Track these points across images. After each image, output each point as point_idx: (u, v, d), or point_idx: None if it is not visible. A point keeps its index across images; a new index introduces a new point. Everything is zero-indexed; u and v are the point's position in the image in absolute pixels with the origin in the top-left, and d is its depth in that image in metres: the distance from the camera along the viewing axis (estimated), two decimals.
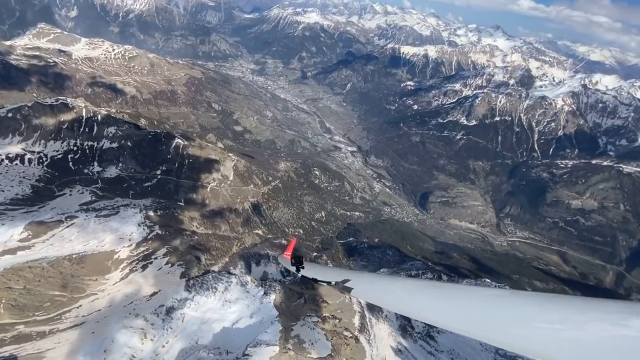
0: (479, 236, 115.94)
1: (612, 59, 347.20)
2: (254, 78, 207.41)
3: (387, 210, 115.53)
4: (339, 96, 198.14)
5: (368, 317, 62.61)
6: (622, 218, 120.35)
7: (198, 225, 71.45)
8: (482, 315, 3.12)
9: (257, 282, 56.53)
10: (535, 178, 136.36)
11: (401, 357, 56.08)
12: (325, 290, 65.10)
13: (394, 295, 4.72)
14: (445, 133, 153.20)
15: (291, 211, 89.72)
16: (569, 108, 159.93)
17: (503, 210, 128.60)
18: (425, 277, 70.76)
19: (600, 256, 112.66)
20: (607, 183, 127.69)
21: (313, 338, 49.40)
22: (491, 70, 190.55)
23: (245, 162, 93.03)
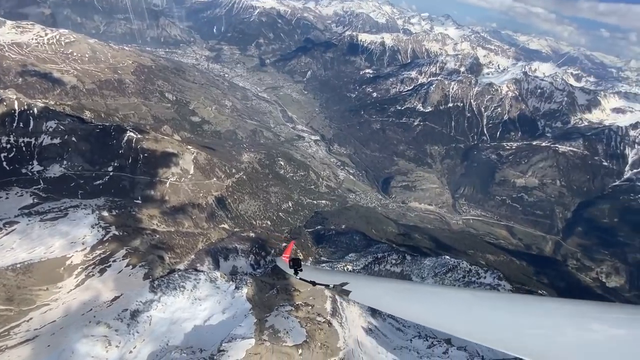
0: (437, 216, 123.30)
1: (548, 47, 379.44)
2: (209, 65, 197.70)
3: (352, 197, 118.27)
4: (300, 84, 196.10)
5: (339, 301, 64.48)
6: (559, 193, 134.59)
7: (159, 223, 67.96)
8: (479, 318, 3.15)
9: (227, 277, 55.47)
10: (485, 160, 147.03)
11: (372, 335, 58.75)
12: (296, 280, 65.76)
13: (392, 299, 4.72)
14: (404, 120, 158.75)
15: (257, 203, 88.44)
16: (513, 94, 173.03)
17: (458, 191, 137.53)
18: (390, 258, 74.16)
19: (541, 228, 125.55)
20: (546, 162, 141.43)
21: (288, 327, 49.96)
22: (444, 59, 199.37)
23: (206, 154, 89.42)
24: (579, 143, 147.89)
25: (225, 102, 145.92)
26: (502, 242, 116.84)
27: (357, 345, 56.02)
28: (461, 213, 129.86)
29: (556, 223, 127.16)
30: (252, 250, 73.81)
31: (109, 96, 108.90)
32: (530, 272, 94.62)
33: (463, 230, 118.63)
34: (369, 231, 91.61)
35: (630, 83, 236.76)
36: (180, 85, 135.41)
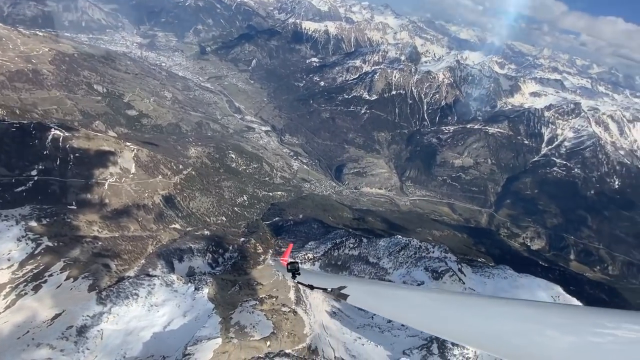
0: (388, 199, 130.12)
1: (476, 37, 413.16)
2: (142, 53, 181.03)
3: (307, 186, 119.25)
4: (245, 73, 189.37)
5: (302, 290, 65.59)
6: (490, 170, 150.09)
7: (100, 229, 62.10)
8: (477, 323, 3.14)
9: (184, 279, 53.06)
10: (427, 144, 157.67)
11: (336, 318, 61.01)
12: (258, 273, 65.22)
13: (389, 303, 4.70)
14: (352, 108, 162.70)
15: (210, 199, 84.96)
16: (448, 81, 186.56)
17: (404, 174, 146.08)
18: (348, 242, 76.92)
19: (477, 203, 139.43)
20: (478, 143, 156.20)
21: (253, 321, 49.67)
22: (385, 47, 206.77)
23: (148, 151, 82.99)
24: (504, 125, 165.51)
25: (164, 93, 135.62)
26: (445, 218, 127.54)
27: (323, 329, 57.80)
28: (408, 194, 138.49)
29: (489, 197, 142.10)
30: (209, 248, 71.19)
31: (22, 89, 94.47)
32: (470, 243, 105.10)
33: (411, 210, 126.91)
34: (326, 218, 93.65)
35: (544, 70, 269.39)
36: (110, 76, 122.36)
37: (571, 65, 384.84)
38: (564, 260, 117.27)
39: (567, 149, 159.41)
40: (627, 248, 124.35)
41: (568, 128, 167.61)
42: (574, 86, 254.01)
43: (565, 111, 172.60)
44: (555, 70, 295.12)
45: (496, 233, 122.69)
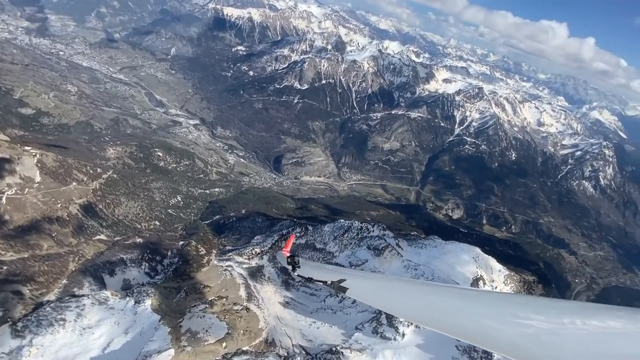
0: (327, 186, 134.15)
1: (393, 27, 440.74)
2: (32, 40, 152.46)
3: (246, 180, 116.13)
4: (164, 63, 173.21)
5: (252, 285, 64.83)
6: (414, 152, 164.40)
7: (3, 252, 52.49)
8: (477, 317, 3.17)
9: (120, 293, 48.31)
10: (358, 130, 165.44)
11: (290, 307, 61.96)
12: (203, 275, 62.42)
13: (389, 296, 4.74)
14: (284, 98, 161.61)
15: (139, 203, 77.47)
16: (372, 70, 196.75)
17: (340, 161, 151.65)
18: (295, 232, 77.95)
19: (406, 182, 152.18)
20: (403, 127, 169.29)
21: (206, 325, 47.78)
22: (312, 36, 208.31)
23: (54, 155, 71.78)
24: (424, 109, 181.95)
25: (67, 87, 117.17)
26: (380, 198, 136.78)
27: (278, 321, 58.34)
28: (345, 180, 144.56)
29: (415, 176, 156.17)
30: (144, 257, 65.54)
31: None
32: (403, 219, 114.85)
33: (349, 194, 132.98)
34: (270, 211, 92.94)
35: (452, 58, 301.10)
36: None
37: (473, 54, 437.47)
38: (479, 225, 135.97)
39: (475, 129, 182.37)
40: (524, 209, 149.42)
41: (474, 110, 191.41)
42: (476, 72, 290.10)
43: (471, 95, 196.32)
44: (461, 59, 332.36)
45: (424, 208, 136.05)
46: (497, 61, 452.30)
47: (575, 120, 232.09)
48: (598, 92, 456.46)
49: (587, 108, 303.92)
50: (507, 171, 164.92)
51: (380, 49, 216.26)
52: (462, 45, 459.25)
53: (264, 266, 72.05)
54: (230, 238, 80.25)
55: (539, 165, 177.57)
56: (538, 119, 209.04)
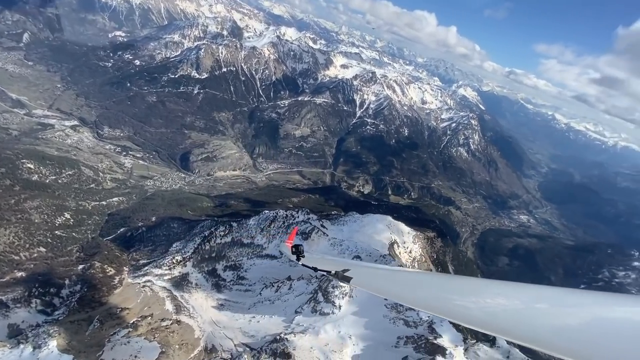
0: (244, 179, 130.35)
1: (287, 13, 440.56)
2: None
3: (151, 183, 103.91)
4: (16, 52, 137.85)
5: (180, 296, 60.25)
6: (324, 136, 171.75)
7: None
8: (477, 304, 3.31)
9: (9, 343, 39.33)
10: (268, 119, 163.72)
11: (225, 309, 59.85)
12: (118, 297, 55.20)
13: (393, 285, 4.87)
14: (182, 89, 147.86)
15: (11, 230, 62.50)
16: (274, 56, 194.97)
17: (254, 151, 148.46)
18: (218, 232, 74.32)
19: (320, 166, 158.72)
20: (310, 113, 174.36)
21: (133, 350, 42.91)
22: (204, 21, 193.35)
23: None
24: (327, 95, 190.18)
25: None
26: (298, 184, 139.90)
27: (215, 325, 56.09)
28: (262, 170, 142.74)
29: (327, 159, 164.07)
30: (32, 293, 54.18)
31: None
32: (322, 200, 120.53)
33: (268, 184, 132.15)
34: (185, 213, 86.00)
35: (346, 44, 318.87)
36: None
37: (363, 40, 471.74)
38: (386, 196, 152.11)
39: (373, 110, 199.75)
40: (419, 177, 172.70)
41: (371, 93, 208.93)
42: (368, 58, 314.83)
43: (367, 79, 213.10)
44: (353, 45, 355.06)
45: (339, 187, 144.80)
46: (383, 47, 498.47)
47: (448, 97, 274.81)
48: (462, 73, 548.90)
49: (455, 86, 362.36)
50: (403, 146, 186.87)
51: (279, 35, 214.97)
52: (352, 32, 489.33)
53: (189, 273, 67.30)
54: (143, 251, 71.79)
55: (426, 138, 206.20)
56: (421, 97, 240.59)
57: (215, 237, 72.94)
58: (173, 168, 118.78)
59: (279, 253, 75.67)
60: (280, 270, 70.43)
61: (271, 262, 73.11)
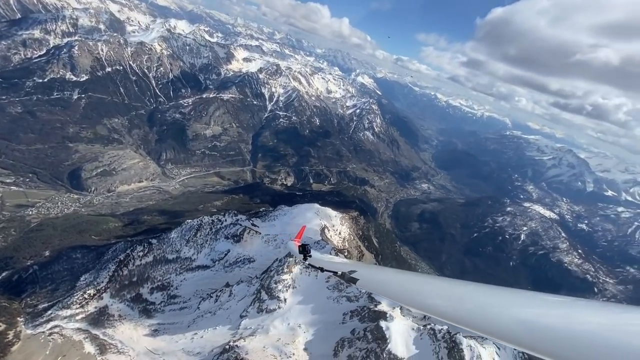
0: (155, 190, 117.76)
1: (175, 5, 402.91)
2: None
3: (33, 212, 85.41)
4: None
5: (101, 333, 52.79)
6: (238, 133, 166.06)
7: None
8: (484, 309, 3.30)
9: None
10: (172, 121, 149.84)
11: (161, 334, 54.80)
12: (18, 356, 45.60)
13: (399, 288, 4.84)
14: (57, 94, 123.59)
15: None
16: (167, 52, 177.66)
17: (161, 158, 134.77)
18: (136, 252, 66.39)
19: (238, 164, 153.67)
20: (219, 110, 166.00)
21: None
22: (72, 13, 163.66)
23: None
24: (234, 90, 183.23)
25: None
26: (218, 187, 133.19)
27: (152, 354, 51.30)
28: (174, 177, 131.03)
29: (245, 156, 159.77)
30: None
31: None
32: (248, 199, 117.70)
33: (184, 192, 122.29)
34: (89, 239, 74.03)
35: (245, 37, 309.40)
36: None
37: (261, 32, 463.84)
38: (308, 185, 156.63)
39: (283, 103, 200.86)
40: (335, 162, 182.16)
41: (278, 86, 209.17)
42: (270, 50, 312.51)
43: (272, 72, 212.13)
44: (252, 38, 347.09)
45: (262, 184, 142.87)
46: (282, 39, 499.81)
47: (350, 86, 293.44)
48: (357, 61, 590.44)
49: (354, 75, 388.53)
50: (317, 135, 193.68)
51: (169, 28, 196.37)
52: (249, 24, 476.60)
53: (108, 305, 59.09)
54: (40, 293, 59.65)
55: (336, 126, 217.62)
56: (326, 87, 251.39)
57: (133, 260, 65.04)
58: (61, 190, 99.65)
59: (211, 262, 71.93)
60: (215, 279, 67.29)
61: (204, 273, 69.24)
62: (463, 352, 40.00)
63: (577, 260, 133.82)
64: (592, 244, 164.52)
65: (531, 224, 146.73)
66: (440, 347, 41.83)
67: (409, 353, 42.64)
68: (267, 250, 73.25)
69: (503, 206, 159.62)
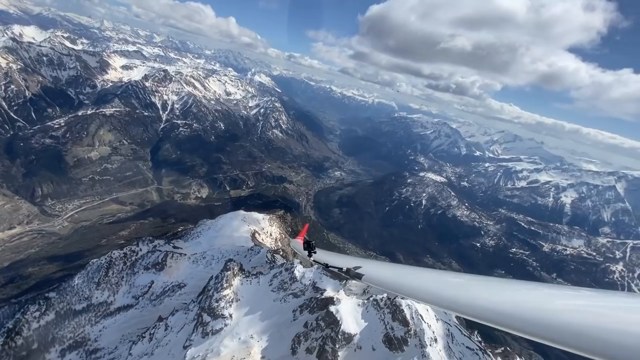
0: (35, 234, 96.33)
1: (15, 8, 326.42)
2: None
3: None
4: None
5: None
6: (132, 150, 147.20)
7: None
8: (489, 301, 3.40)
9: None
10: (41, 148, 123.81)
11: None
12: None
13: (405, 282, 4.91)
14: None
15: None
16: (17, 66, 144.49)
17: (35, 194, 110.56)
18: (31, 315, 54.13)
19: (140, 185, 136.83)
20: (104, 128, 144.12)
21: None
22: None
23: None
24: (117, 103, 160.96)
25: None
26: (120, 215, 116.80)
27: None
28: (58, 214, 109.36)
29: (146, 175, 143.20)
30: None
31: None
32: (160, 221, 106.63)
33: (76, 229, 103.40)
34: None
35: (118, 42, 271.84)
36: None
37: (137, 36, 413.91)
38: (226, 193, 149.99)
39: (179, 110, 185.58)
40: (249, 165, 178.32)
41: (170, 93, 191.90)
42: (152, 55, 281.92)
43: (159, 79, 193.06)
44: (127, 42, 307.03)
45: (173, 201, 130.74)
46: (164, 41, 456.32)
47: (248, 86, 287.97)
48: (251, 61, 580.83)
49: (250, 74, 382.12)
50: (224, 140, 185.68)
51: (15, 37, 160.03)
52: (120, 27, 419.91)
53: None
54: None
55: (243, 128, 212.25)
56: (224, 89, 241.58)
57: (28, 324, 53.01)
58: None
59: (133, 299, 63.53)
60: (144, 316, 60.04)
61: (128, 314, 61.06)
62: (404, 311, 45.34)
63: (466, 212, 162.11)
64: (473, 196, 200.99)
65: (428, 190, 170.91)
66: (384, 313, 46.47)
67: (360, 327, 46.15)
68: (197, 271, 68.46)
69: (404, 179, 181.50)
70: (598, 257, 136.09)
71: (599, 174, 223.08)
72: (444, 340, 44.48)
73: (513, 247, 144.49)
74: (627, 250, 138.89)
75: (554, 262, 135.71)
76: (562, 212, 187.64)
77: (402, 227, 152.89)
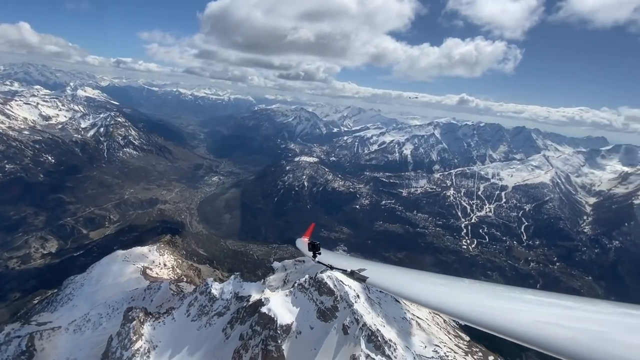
0: None
1: None
2: None
3: None
4: None
5: None
6: None
7: None
8: (488, 306, 3.42)
9: None
10: None
11: None
12: None
13: (408, 285, 4.87)
14: None
15: None
16: None
17: None
18: None
19: None
20: None
21: None
22: None
23: None
24: None
25: None
26: None
27: None
28: None
29: None
30: None
31: None
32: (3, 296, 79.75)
33: None
34: None
35: None
36: None
37: None
38: (86, 238, 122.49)
39: None
40: (105, 196, 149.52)
41: None
42: None
43: None
44: None
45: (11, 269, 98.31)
46: None
47: (73, 103, 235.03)
48: (66, 73, 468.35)
49: (70, 89, 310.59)
50: (60, 175, 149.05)
51: None
52: None
53: None
54: None
55: (82, 155, 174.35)
56: (39, 113, 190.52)
57: None
58: None
59: None
60: None
61: None
62: (327, 283, 49.96)
63: (341, 182, 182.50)
64: (342, 167, 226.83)
65: (306, 172, 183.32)
66: (311, 292, 50.07)
67: (294, 315, 48.40)
68: (84, 340, 56.02)
69: (283, 167, 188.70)
70: (437, 189, 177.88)
71: (422, 126, 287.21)
72: (363, 294, 51.55)
73: (382, 200, 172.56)
74: (452, 177, 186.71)
75: (413, 202, 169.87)
76: (407, 162, 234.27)
77: (293, 212, 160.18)
